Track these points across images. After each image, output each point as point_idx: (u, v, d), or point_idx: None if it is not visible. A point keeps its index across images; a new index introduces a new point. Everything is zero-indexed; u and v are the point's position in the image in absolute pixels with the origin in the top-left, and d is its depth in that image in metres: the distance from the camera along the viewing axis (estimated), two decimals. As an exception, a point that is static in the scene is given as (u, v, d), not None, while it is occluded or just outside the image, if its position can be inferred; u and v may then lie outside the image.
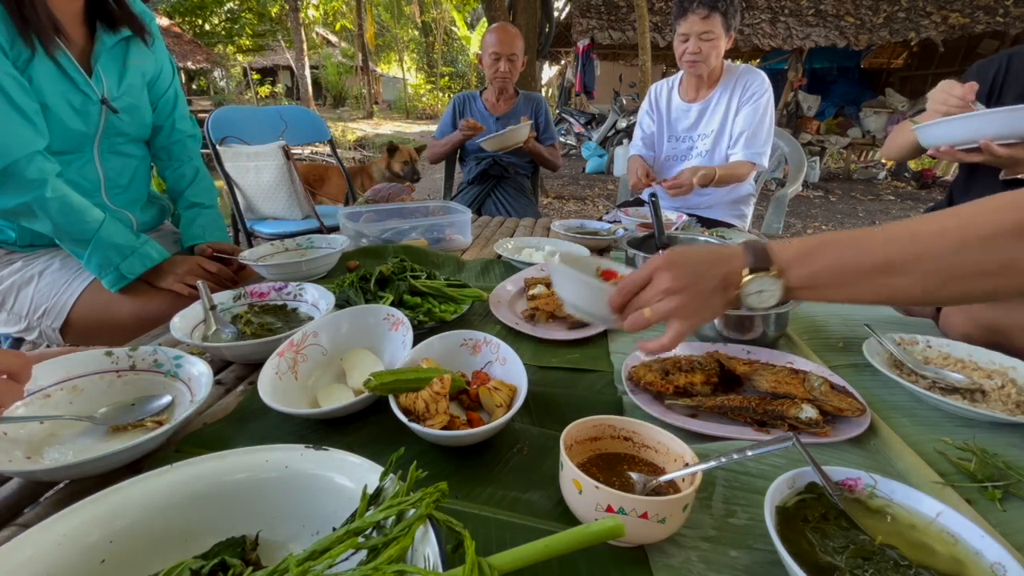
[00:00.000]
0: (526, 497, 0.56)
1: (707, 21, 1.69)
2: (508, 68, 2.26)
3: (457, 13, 19.21)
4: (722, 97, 1.86)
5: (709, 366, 0.76)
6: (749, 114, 1.80)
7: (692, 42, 1.74)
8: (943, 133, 1.12)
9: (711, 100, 1.88)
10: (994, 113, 1.04)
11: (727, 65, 1.87)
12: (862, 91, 8.56)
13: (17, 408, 0.63)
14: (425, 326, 0.91)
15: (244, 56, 18.26)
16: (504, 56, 2.24)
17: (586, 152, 8.71)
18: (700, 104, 1.90)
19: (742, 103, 1.82)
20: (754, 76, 1.84)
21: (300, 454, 0.48)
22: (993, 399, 0.72)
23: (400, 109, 21.04)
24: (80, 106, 1.08)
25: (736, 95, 1.83)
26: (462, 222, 1.54)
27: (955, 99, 1.12)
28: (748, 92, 1.81)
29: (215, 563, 0.41)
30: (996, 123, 1.03)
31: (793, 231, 5.16)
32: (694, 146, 1.95)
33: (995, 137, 1.03)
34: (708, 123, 1.91)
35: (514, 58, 2.26)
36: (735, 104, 1.84)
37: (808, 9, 7.61)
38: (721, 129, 1.88)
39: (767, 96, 1.81)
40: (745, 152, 1.80)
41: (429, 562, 0.37)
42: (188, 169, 1.35)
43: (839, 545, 0.45)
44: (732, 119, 1.85)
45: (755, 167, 1.82)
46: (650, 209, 1.24)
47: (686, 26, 1.73)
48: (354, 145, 11.01)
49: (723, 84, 1.86)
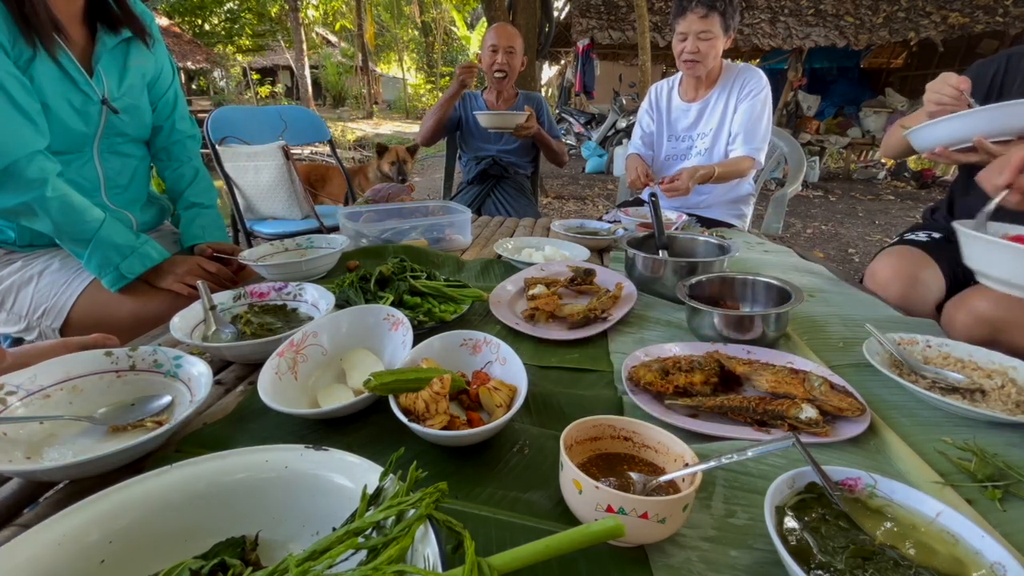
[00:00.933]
0: (526, 497, 0.56)
1: (705, 20, 1.69)
2: (505, 60, 2.25)
3: (457, 13, 19.21)
4: (721, 96, 1.86)
5: (709, 366, 0.76)
6: (747, 110, 1.80)
7: (690, 41, 1.74)
8: (934, 135, 1.10)
9: (710, 99, 1.88)
10: (983, 111, 1.01)
11: (726, 64, 1.88)
12: (862, 91, 8.57)
13: (17, 408, 0.63)
14: (425, 326, 0.91)
15: (244, 56, 18.26)
16: (502, 48, 2.24)
17: (586, 152, 8.71)
18: (699, 104, 1.91)
19: (740, 100, 1.83)
20: (752, 73, 1.84)
21: (300, 454, 0.48)
22: (993, 399, 0.72)
23: (400, 109, 21.05)
24: (81, 106, 1.08)
25: (735, 93, 1.84)
26: (462, 222, 1.54)
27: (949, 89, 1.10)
28: (746, 89, 1.82)
29: (215, 563, 0.41)
30: (985, 120, 1.00)
31: (793, 231, 5.16)
32: (693, 145, 1.95)
33: (986, 134, 1.00)
34: (707, 122, 1.91)
35: (511, 51, 2.25)
36: (733, 102, 1.84)
37: (808, 9, 7.61)
38: (720, 127, 1.88)
39: (764, 92, 1.81)
40: (745, 148, 1.80)
41: (429, 562, 0.37)
42: (188, 169, 1.35)
43: (839, 545, 0.45)
44: (731, 117, 1.85)
45: (755, 162, 1.82)
46: (650, 209, 1.24)
47: (684, 25, 1.73)
48: (354, 145, 11.00)
49: (722, 83, 1.86)
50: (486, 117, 2.16)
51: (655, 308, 1.07)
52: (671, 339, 0.92)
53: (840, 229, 5.26)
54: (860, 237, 4.97)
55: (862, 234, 5.07)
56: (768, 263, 1.38)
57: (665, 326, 0.99)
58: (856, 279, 1.36)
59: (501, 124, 2.18)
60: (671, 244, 1.25)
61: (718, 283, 1.04)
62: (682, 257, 1.23)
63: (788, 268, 1.35)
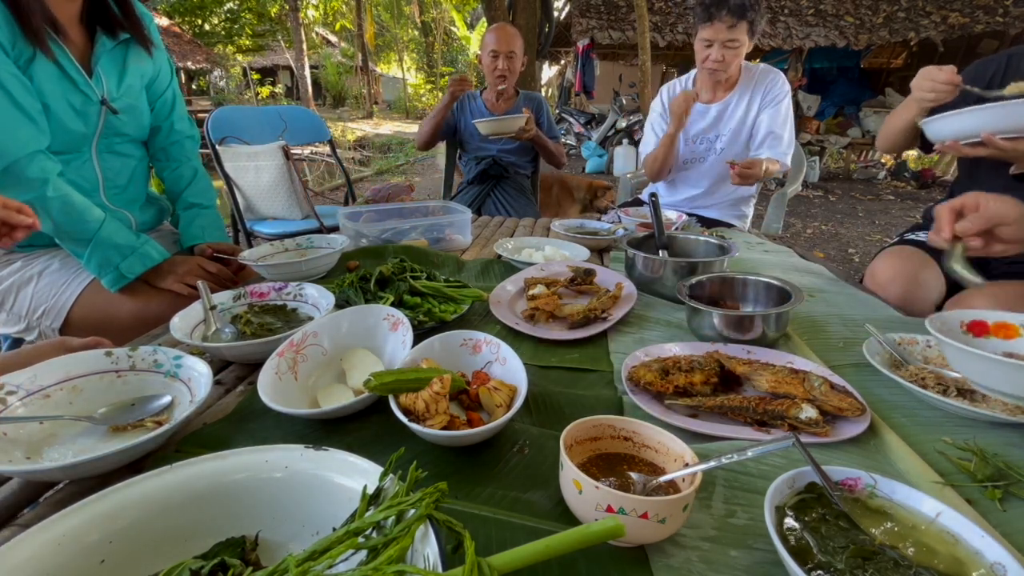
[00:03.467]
0: (526, 497, 0.56)
1: (733, 30, 1.67)
2: (506, 65, 2.24)
3: (457, 13, 19.22)
4: (742, 99, 1.84)
5: (709, 366, 0.76)
6: (772, 116, 1.79)
7: (716, 50, 1.71)
8: (952, 126, 1.08)
9: (730, 102, 1.87)
10: (1008, 105, 1.01)
11: (744, 65, 1.85)
12: (862, 91, 8.56)
13: (17, 408, 0.63)
14: (425, 326, 0.91)
15: (244, 56, 18.26)
16: (503, 54, 2.23)
17: (586, 152, 8.71)
18: (718, 105, 1.89)
19: (763, 105, 1.81)
20: (775, 77, 1.82)
21: (300, 454, 0.48)
22: (993, 399, 0.72)
23: (400, 109, 21.04)
24: (80, 107, 1.08)
25: (757, 97, 1.82)
26: (462, 222, 1.54)
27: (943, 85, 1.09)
28: (769, 95, 1.80)
29: (215, 563, 0.41)
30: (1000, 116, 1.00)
31: (793, 231, 5.16)
32: (712, 147, 1.94)
33: (999, 131, 1.00)
34: (727, 124, 1.89)
35: (512, 56, 2.25)
36: (756, 106, 1.83)
37: (808, 9, 7.61)
38: (739, 129, 1.87)
39: (788, 98, 1.81)
40: (772, 153, 1.79)
41: (429, 562, 0.37)
42: (187, 170, 1.35)
43: (839, 545, 0.45)
44: (753, 120, 1.84)
45: (781, 166, 1.81)
46: (650, 209, 1.24)
47: (711, 32, 1.70)
48: (354, 145, 11.01)
49: (742, 86, 1.84)
50: (485, 125, 2.14)
51: (655, 308, 1.07)
52: (671, 339, 0.92)
53: (840, 229, 5.26)
54: (860, 237, 4.97)
55: (862, 234, 5.07)
56: (768, 263, 1.38)
57: (665, 326, 0.99)
58: (856, 279, 1.36)
59: (500, 130, 2.16)
60: (671, 244, 1.25)
61: (718, 283, 1.04)
62: (682, 257, 1.23)
63: (788, 268, 1.35)
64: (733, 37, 1.68)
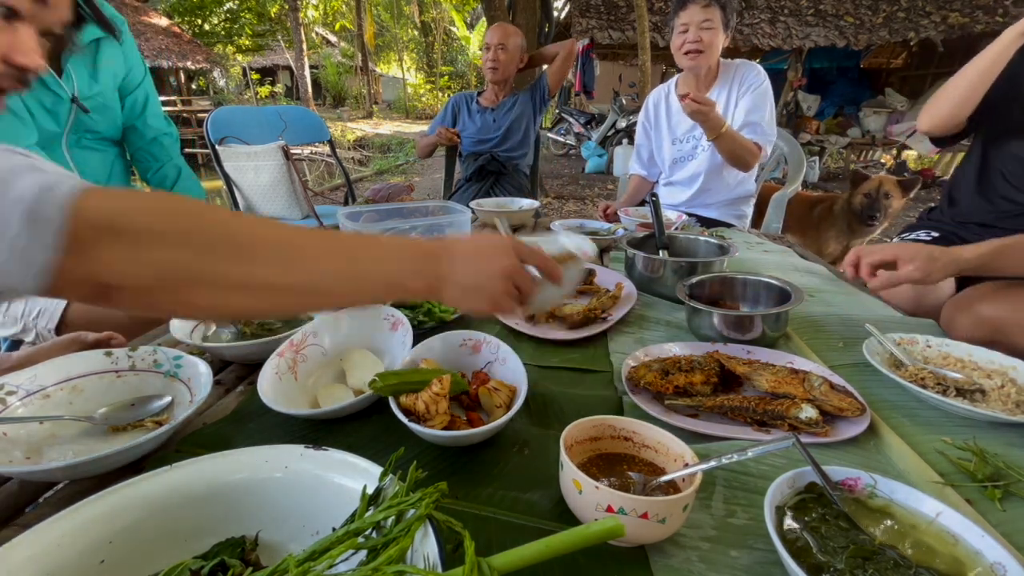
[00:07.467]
0: (526, 497, 0.56)
1: (707, 10, 1.70)
2: (495, 55, 2.30)
3: (456, 13, 19.20)
4: (721, 93, 1.86)
5: (709, 366, 0.76)
6: (749, 102, 1.80)
7: (692, 31, 1.73)
8: None
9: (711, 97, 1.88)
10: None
11: (723, 63, 1.87)
12: (862, 91, 8.55)
13: (17, 408, 0.63)
14: (425, 326, 0.91)
15: (244, 56, 18.25)
16: (493, 45, 2.30)
17: (586, 152, 8.71)
18: None
19: (741, 95, 1.82)
20: (749, 68, 1.84)
21: (300, 454, 0.48)
22: (993, 399, 0.72)
23: (400, 109, 21.03)
24: (51, 106, 1.08)
25: (735, 89, 1.84)
26: (462, 222, 1.54)
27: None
28: (746, 84, 1.82)
29: (215, 563, 0.41)
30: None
31: (793, 231, 5.16)
32: (698, 144, 1.95)
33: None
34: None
35: (503, 47, 2.30)
36: (735, 97, 1.84)
37: (808, 9, 7.61)
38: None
39: (765, 84, 1.81)
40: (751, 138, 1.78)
41: (429, 562, 0.37)
42: (170, 169, 1.34)
43: (839, 545, 0.45)
44: (732, 112, 1.85)
45: (761, 150, 1.80)
46: (650, 209, 1.24)
47: (686, 16, 1.73)
48: (354, 145, 11.00)
49: (721, 81, 1.86)
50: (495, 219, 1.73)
51: (655, 308, 1.07)
52: (671, 339, 0.92)
53: (840, 229, 5.25)
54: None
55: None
56: (768, 263, 1.38)
57: (665, 326, 0.99)
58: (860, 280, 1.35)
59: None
60: (671, 244, 1.25)
61: (718, 283, 1.04)
62: (682, 257, 1.23)
63: (788, 268, 1.35)
64: (707, 17, 1.70)
